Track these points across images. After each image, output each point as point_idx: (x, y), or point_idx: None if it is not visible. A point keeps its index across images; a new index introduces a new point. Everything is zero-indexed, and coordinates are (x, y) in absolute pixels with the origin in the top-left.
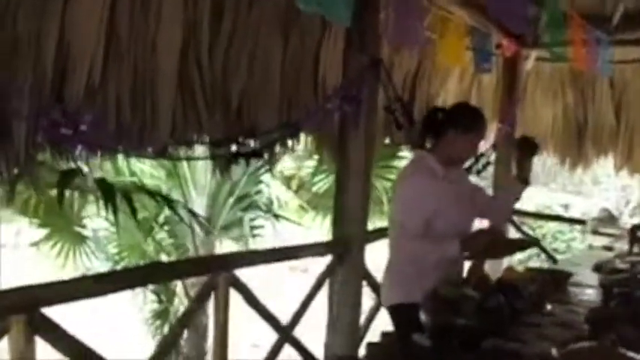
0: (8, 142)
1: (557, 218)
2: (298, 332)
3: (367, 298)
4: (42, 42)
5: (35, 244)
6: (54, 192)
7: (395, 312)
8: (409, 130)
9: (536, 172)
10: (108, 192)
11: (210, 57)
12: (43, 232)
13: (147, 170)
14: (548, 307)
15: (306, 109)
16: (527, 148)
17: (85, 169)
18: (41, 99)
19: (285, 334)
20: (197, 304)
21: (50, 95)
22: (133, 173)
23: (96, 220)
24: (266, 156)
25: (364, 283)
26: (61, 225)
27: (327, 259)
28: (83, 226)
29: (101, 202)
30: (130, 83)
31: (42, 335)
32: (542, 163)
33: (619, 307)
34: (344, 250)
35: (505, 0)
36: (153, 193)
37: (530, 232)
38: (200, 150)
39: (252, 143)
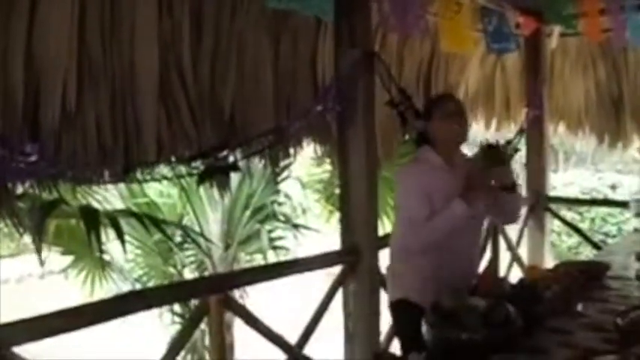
0: None
1: (595, 202)
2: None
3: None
4: (8, 68)
5: (63, 270)
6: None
7: (394, 309)
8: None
9: (584, 153)
10: (91, 219)
11: (194, 69)
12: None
13: (164, 190)
14: (579, 307)
15: (305, 112)
16: (493, 157)
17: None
18: (13, 128)
19: (294, 354)
20: (189, 329)
21: (23, 124)
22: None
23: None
24: (261, 165)
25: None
26: (83, 252)
27: None
28: (103, 252)
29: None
30: (108, 104)
31: None
32: (588, 143)
33: None
34: (355, 258)
35: None
36: (140, 217)
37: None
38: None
39: (238, 154)
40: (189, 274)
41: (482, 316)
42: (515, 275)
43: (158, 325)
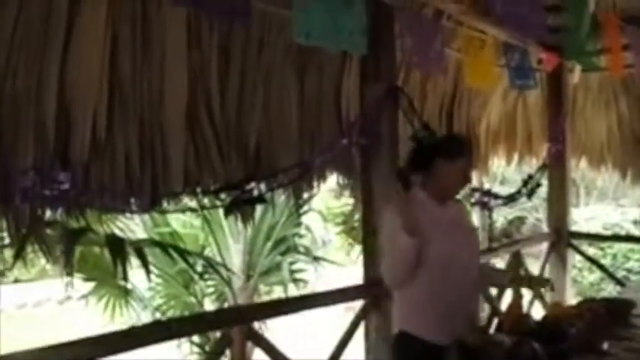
0: (13, 203)
1: (618, 238)
2: None
3: None
4: (42, 98)
5: (84, 296)
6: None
7: (394, 342)
8: None
9: (606, 188)
10: (117, 248)
11: (221, 101)
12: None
13: (187, 220)
14: (605, 345)
15: (330, 145)
16: None
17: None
18: (44, 158)
19: None
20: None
21: (54, 154)
22: (168, 224)
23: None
24: (284, 198)
25: None
26: (105, 278)
27: None
28: (127, 280)
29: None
30: (137, 135)
31: None
32: (610, 178)
33: None
34: (377, 292)
35: (516, 6)
36: (165, 247)
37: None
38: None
39: (263, 187)
40: (209, 304)
41: (508, 353)
42: (537, 312)
43: (174, 356)
